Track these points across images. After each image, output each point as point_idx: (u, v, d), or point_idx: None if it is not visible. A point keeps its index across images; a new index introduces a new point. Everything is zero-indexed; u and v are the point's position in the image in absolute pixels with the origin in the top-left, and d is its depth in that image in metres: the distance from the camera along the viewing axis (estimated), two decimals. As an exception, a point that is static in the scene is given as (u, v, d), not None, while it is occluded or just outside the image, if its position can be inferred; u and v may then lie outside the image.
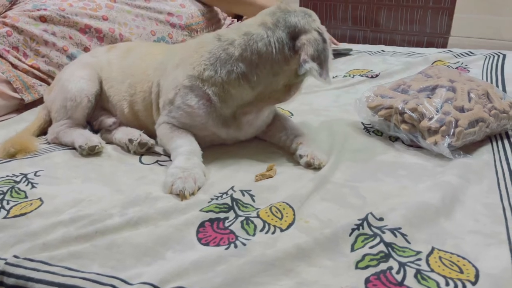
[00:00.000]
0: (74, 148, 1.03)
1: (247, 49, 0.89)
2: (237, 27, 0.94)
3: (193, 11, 1.70)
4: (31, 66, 1.36)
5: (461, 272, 0.63)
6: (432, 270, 0.63)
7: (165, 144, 0.97)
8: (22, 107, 1.31)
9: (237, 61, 0.89)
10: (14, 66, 1.33)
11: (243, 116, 0.96)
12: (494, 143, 1.01)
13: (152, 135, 1.03)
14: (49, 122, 1.13)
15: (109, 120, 1.10)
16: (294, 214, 0.76)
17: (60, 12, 1.42)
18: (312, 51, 0.86)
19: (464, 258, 0.65)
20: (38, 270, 0.64)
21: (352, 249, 0.67)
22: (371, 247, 0.67)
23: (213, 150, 1.00)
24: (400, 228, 0.71)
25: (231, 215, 0.76)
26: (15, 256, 0.66)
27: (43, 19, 1.39)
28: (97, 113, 1.12)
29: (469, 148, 0.97)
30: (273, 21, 0.89)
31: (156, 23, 1.62)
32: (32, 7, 1.41)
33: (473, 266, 0.64)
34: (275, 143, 1.03)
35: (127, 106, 1.08)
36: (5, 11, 1.40)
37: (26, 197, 0.83)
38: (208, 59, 0.92)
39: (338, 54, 1.77)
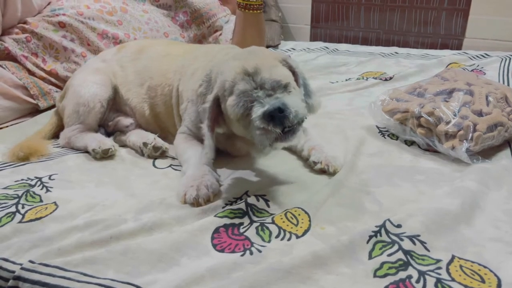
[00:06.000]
0: (87, 152, 1.03)
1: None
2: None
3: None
4: (49, 73, 1.35)
5: (483, 281, 0.61)
6: (453, 280, 0.61)
7: (178, 156, 0.97)
8: (36, 110, 1.31)
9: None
10: (31, 73, 1.33)
11: (235, 139, 0.93)
12: (513, 148, 0.99)
13: (172, 136, 1.03)
14: (61, 127, 1.13)
15: (126, 121, 1.11)
16: (309, 220, 0.75)
17: (79, 16, 1.40)
18: None
19: (485, 267, 0.64)
20: (53, 276, 0.64)
21: (370, 257, 0.66)
22: (389, 255, 0.66)
23: (226, 154, 0.99)
24: (418, 236, 0.69)
25: (245, 220, 0.75)
26: (31, 261, 0.66)
27: (62, 24, 1.38)
28: (112, 115, 1.13)
29: (487, 152, 0.95)
30: None
31: (168, 24, 1.62)
32: (50, 12, 1.40)
33: (495, 275, 0.62)
34: (287, 147, 1.02)
35: (147, 108, 1.08)
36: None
37: (41, 201, 0.83)
38: (206, 76, 0.90)
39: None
